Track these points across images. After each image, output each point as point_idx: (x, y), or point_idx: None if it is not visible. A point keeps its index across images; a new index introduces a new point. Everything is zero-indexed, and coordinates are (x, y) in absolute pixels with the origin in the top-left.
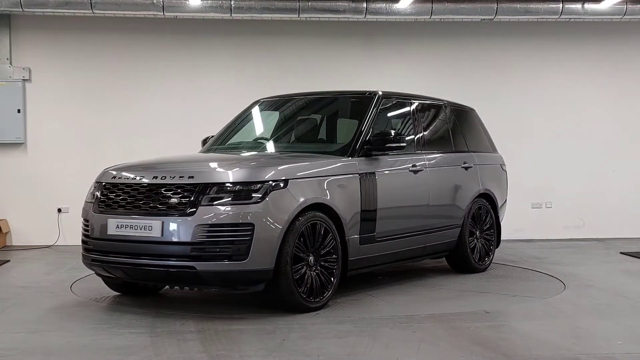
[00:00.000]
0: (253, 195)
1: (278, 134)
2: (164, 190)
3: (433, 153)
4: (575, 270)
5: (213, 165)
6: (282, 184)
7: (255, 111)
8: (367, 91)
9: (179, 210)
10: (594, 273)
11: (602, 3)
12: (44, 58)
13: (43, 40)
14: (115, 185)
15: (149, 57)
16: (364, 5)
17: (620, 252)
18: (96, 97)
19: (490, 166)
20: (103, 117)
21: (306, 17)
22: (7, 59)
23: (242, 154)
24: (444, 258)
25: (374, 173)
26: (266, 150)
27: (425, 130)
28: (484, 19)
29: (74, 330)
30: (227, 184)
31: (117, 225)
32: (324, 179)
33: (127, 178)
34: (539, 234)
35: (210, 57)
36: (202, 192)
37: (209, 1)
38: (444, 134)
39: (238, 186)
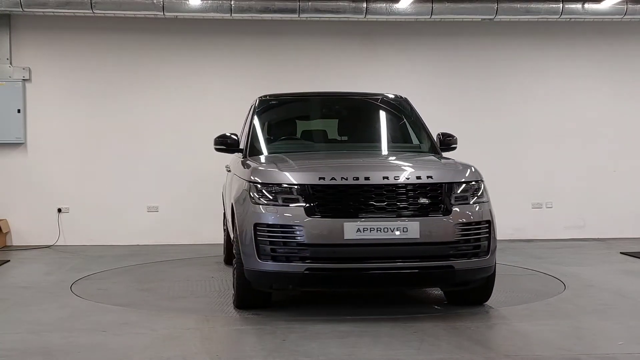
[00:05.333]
0: (484, 193)
1: (348, 133)
2: (407, 190)
3: None
4: (576, 270)
5: (434, 165)
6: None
7: (290, 111)
8: (389, 93)
9: (433, 210)
10: (594, 273)
11: (602, 3)
12: (44, 58)
13: (43, 40)
14: (331, 187)
15: (149, 57)
16: (364, 5)
17: (621, 252)
18: (96, 97)
19: None
20: (103, 117)
21: (306, 17)
22: (7, 59)
23: (353, 154)
24: None
25: None
26: (365, 150)
27: None
28: (484, 19)
29: (74, 330)
30: (466, 183)
31: (358, 229)
32: None
33: (345, 179)
34: (539, 234)
35: (210, 57)
36: (449, 191)
37: (209, 1)
38: None
39: (473, 184)
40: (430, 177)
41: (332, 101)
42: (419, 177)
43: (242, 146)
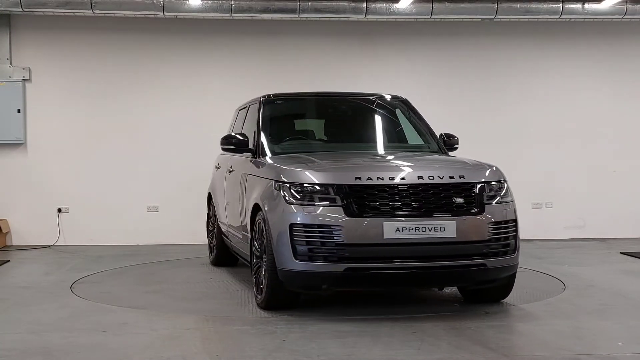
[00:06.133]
0: (508, 192)
1: (356, 133)
2: (442, 190)
3: None
4: (576, 270)
5: (462, 165)
6: None
7: (286, 110)
8: (388, 94)
9: (467, 210)
10: (594, 273)
11: (602, 3)
12: (44, 58)
13: (43, 40)
14: (368, 187)
15: (149, 57)
16: (364, 5)
17: (621, 252)
18: (96, 97)
19: None
20: (103, 117)
21: (306, 17)
22: (7, 59)
23: (372, 154)
24: None
25: None
26: (379, 150)
27: None
28: (484, 19)
29: (74, 330)
30: (494, 182)
31: (397, 229)
32: None
33: (381, 179)
34: (539, 234)
35: (210, 57)
36: (480, 191)
37: (209, 1)
38: None
39: (499, 184)
40: (462, 176)
41: (338, 101)
42: (451, 177)
43: (250, 146)
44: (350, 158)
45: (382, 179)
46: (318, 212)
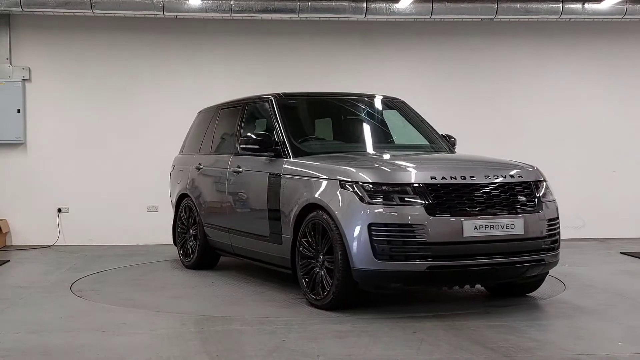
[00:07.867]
0: (550, 190)
1: (373, 133)
2: (508, 189)
3: None
4: (576, 270)
5: (513, 165)
6: None
7: (297, 111)
8: (384, 95)
9: (529, 207)
10: (594, 273)
11: (602, 3)
12: (44, 58)
13: (43, 40)
14: (444, 186)
15: (149, 57)
16: (364, 5)
17: (621, 252)
18: (96, 97)
19: None
20: (103, 117)
21: (306, 17)
22: (7, 59)
23: (412, 153)
24: None
25: None
26: (405, 149)
27: None
28: (484, 19)
29: (74, 330)
30: (542, 182)
31: (475, 227)
32: None
33: (454, 178)
34: None
35: (210, 57)
36: (535, 189)
37: (209, 1)
38: None
39: (544, 183)
40: (521, 176)
41: (350, 101)
42: (512, 177)
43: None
44: (399, 157)
45: (455, 178)
46: (398, 211)
